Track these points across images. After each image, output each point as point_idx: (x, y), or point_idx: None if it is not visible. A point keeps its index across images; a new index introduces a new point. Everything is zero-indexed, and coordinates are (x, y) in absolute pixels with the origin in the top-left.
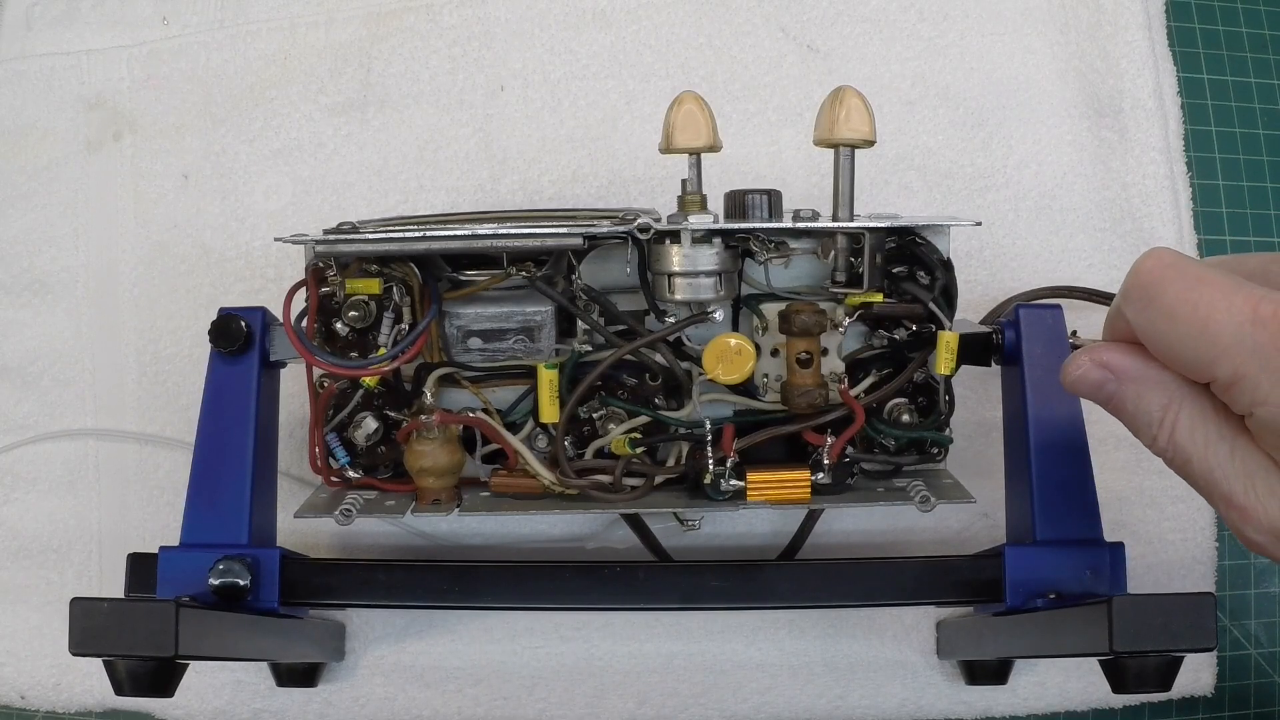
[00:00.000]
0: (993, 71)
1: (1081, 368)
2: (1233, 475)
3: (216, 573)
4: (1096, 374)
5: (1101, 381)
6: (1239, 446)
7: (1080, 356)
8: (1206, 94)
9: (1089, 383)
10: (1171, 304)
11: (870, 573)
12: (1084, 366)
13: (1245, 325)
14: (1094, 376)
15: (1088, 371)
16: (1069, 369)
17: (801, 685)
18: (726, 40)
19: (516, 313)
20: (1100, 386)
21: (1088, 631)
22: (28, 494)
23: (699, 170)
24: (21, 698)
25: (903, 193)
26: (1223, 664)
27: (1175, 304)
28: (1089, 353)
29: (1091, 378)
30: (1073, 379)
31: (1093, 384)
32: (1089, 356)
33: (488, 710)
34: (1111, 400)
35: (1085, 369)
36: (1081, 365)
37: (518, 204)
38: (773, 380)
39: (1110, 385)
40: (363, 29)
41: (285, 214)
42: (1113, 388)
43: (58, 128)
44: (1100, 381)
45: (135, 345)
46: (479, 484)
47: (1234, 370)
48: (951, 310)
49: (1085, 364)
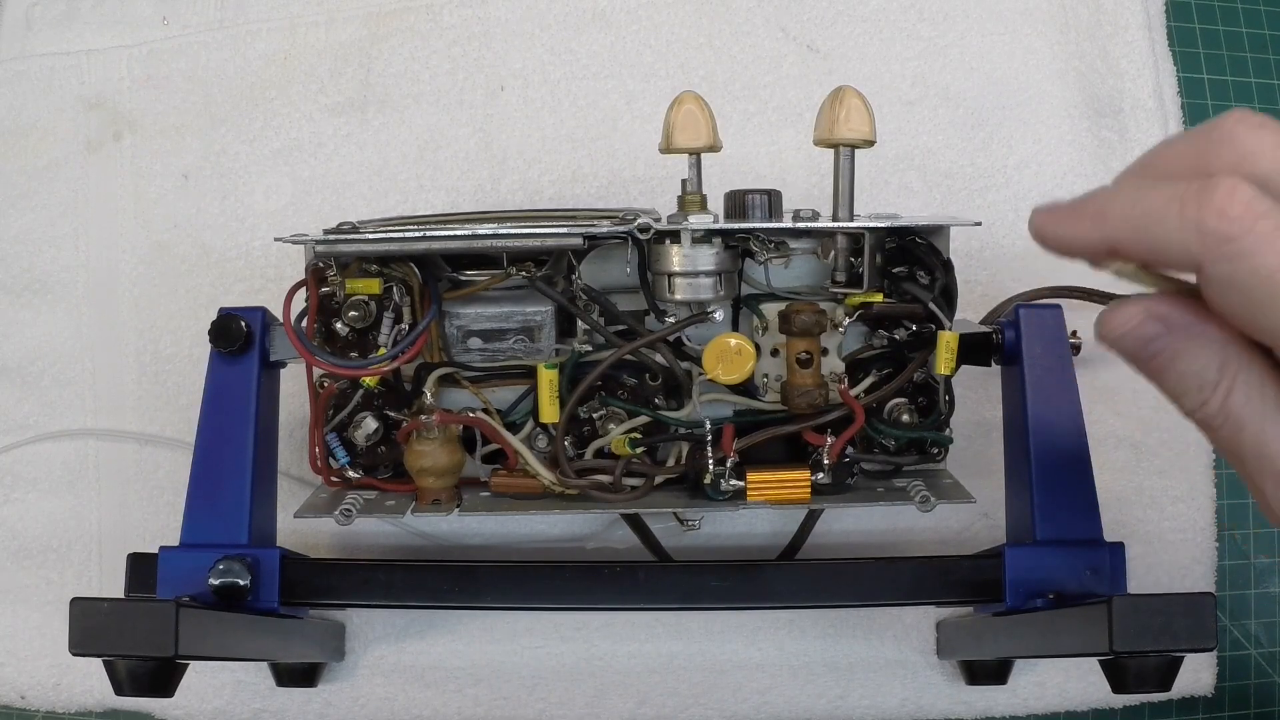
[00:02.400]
0: (993, 71)
1: (1133, 319)
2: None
3: (216, 573)
4: (1149, 328)
5: (1153, 336)
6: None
7: (1129, 306)
8: (1206, 94)
9: (1139, 337)
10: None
11: (870, 573)
12: (1136, 318)
13: None
14: (1146, 331)
15: (1141, 325)
16: (1114, 319)
17: (801, 685)
18: (726, 40)
19: (516, 313)
20: (1150, 341)
21: (1088, 631)
22: (28, 494)
23: (699, 170)
24: (21, 698)
25: (903, 193)
26: (1223, 664)
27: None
28: (1140, 303)
29: (1143, 332)
30: (1120, 332)
31: (1143, 339)
32: (1142, 307)
33: (488, 710)
34: (1159, 357)
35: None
36: (1133, 316)
37: (518, 204)
38: (773, 380)
39: (1162, 340)
40: (363, 29)
41: (285, 214)
42: (1164, 343)
43: (58, 128)
44: (1152, 336)
45: (135, 345)
46: (479, 484)
47: None
48: (951, 310)
49: (1137, 315)
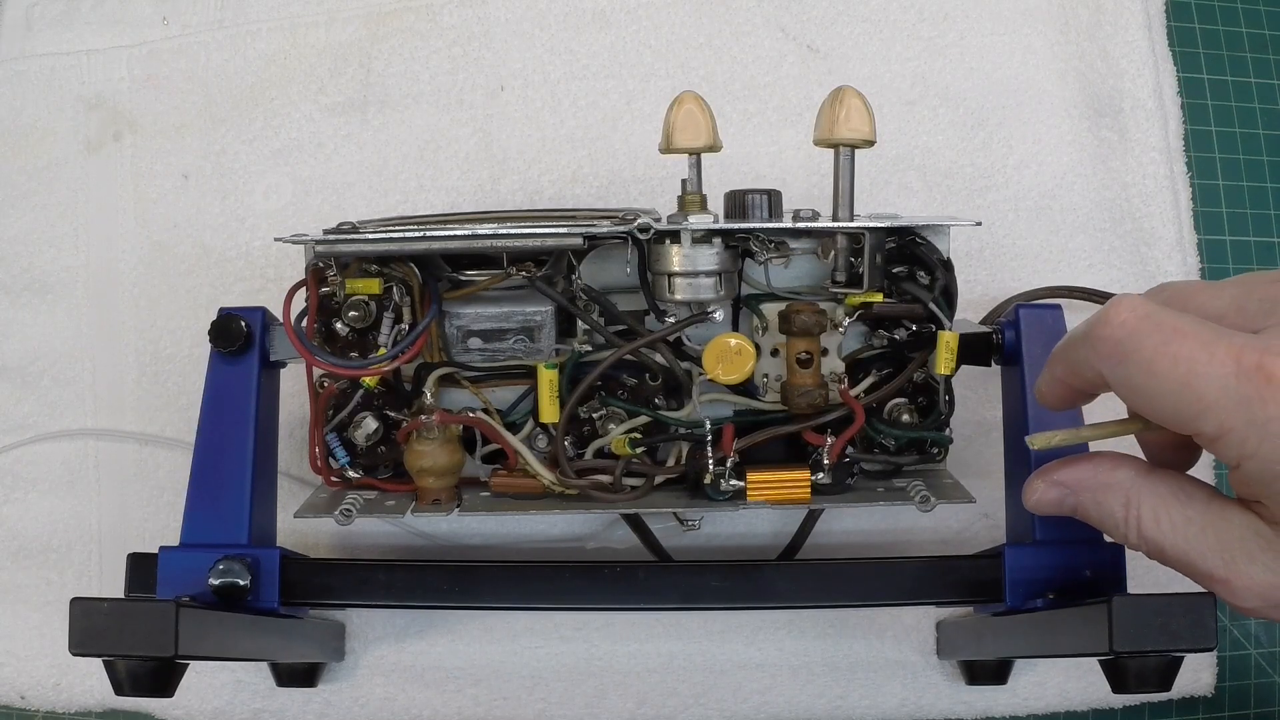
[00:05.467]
0: (993, 71)
1: (1038, 491)
2: (1208, 552)
3: (216, 573)
4: (1054, 493)
5: (1060, 499)
6: (1208, 522)
7: (1034, 481)
8: (1206, 94)
9: (1049, 502)
10: (1150, 359)
11: (870, 573)
12: (1039, 490)
13: (1230, 378)
14: (1052, 496)
15: (1044, 493)
16: (1027, 496)
17: (801, 685)
18: (726, 40)
19: (516, 313)
20: (1060, 503)
21: (1088, 631)
22: (28, 494)
23: (699, 170)
24: (21, 698)
25: (903, 193)
26: (1223, 664)
27: (1154, 359)
28: (1041, 475)
29: (1050, 497)
30: (1033, 503)
31: (1053, 502)
32: (1041, 479)
33: (488, 710)
34: (1076, 511)
35: (1041, 492)
36: (1037, 489)
37: (518, 204)
38: (773, 380)
39: (1069, 499)
40: (363, 29)
41: (285, 214)
42: (1072, 501)
43: (58, 128)
44: (1059, 499)
45: (135, 345)
46: (479, 484)
47: (1219, 425)
48: (951, 310)
49: (1040, 487)
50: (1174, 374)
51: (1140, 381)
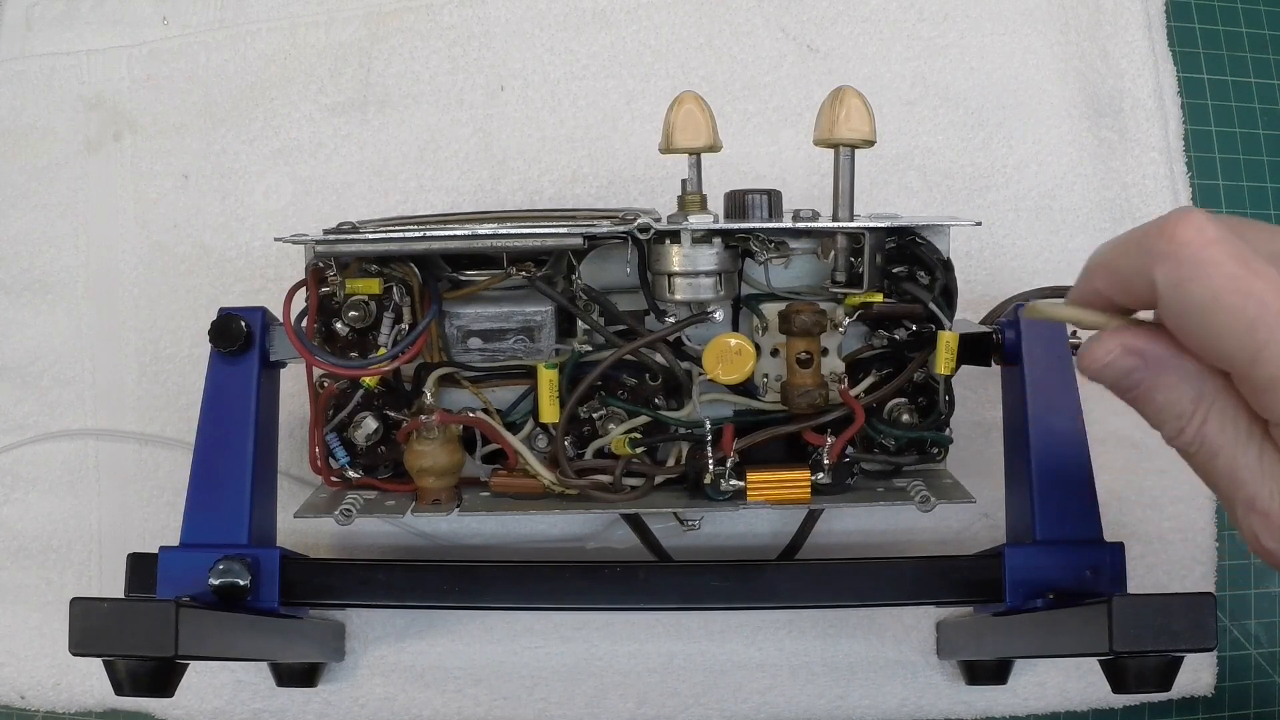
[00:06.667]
0: (993, 71)
1: (1111, 354)
2: (1260, 477)
3: (216, 573)
4: (1127, 361)
5: (1130, 369)
6: (1267, 450)
7: (1107, 340)
8: (1206, 94)
9: (1117, 370)
10: (1217, 290)
11: (870, 573)
12: (1113, 352)
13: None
14: (1124, 364)
15: (1118, 358)
16: (1094, 354)
17: (801, 685)
18: (726, 40)
19: (516, 313)
20: (1128, 374)
21: (1088, 631)
22: (28, 494)
23: (699, 170)
24: (21, 698)
25: (903, 193)
26: (1223, 664)
27: (1224, 291)
28: (1117, 336)
29: (1121, 365)
30: (1100, 365)
31: (1120, 371)
32: (1118, 341)
33: (488, 710)
34: (1137, 389)
35: (1115, 355)
36: (1110, 351)
37: (518, 204)
38: (773, 380)
39: (1139, 373)
40: (363, 29)
41: (285, 214)
42: (1141, 375)
43: (58, 128)
44: (1128, 370)
45: (135, 345)
46: (479, 484)
47: (1273, 374)
48: (951, 310)
49: (1115, 349)
50: (1243, 312)
51: (1202, 308)
